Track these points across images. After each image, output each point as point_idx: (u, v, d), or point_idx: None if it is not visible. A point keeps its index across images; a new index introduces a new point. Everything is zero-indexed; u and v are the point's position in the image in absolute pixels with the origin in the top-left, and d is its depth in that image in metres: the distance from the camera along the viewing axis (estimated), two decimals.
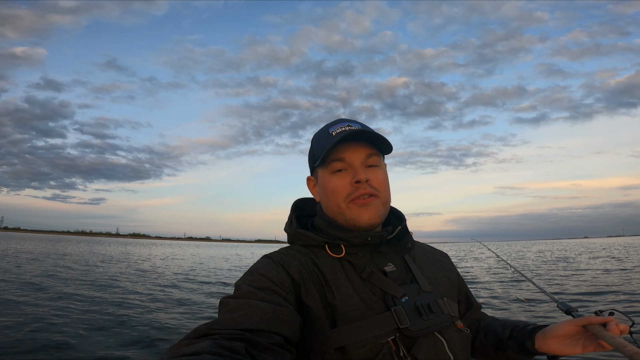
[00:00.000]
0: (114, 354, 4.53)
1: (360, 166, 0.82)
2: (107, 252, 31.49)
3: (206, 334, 0.60)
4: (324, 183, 0.85)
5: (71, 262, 18.17)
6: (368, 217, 0.80)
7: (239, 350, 0.56)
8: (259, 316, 0.64)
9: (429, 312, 0.75)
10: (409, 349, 0.71)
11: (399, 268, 0.83)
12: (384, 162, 0.90)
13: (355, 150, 0.82)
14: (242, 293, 0.69)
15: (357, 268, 0.79)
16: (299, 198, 0.97)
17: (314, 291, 0.74)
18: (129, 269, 15.14)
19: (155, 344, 4.97)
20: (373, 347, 0.69)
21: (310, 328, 0.71)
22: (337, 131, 0.82)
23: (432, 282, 0.84)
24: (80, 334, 5.30)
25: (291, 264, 0.77)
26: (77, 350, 4.52)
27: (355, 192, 0.80)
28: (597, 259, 20.02)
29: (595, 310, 0.83)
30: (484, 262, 16.63)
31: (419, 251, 0.93)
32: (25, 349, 4.48)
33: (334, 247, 0.81)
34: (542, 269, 14.63)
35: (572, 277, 11.87)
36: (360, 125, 0.85)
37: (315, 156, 0.86)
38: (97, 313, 6.73)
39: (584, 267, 15.10)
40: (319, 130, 0.90)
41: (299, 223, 0.90)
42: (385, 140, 0.83)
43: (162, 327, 5.87)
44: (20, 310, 6.52)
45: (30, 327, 5.45)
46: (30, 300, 7.65)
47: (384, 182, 0.84)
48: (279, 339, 0.63)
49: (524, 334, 0.85)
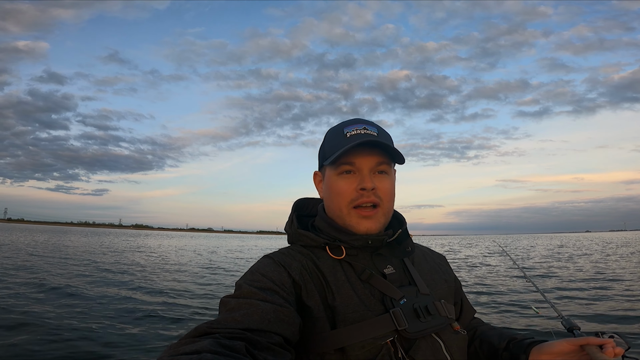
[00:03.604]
0: (116, 351, 4.58)
1: (369, 173, 0.81)
2: (119, 245, 31.65)
3: (207, 333, 0.60)
4: (330, 183, 0.85)
5: (94, 257, 18.29)
6: (366, 228, 0.80)
7: (240, 350, 0.56)
8: (260, 316, 0.64)
9: (426, 314, 0.76)
10: (407, 350, 0.72)
11: (398, 270, 0.83)
12: (394, 169, 0.89)
13: (367, 156, 0.81)
14: (243, 292, 0.70)
15: (357, 270, 0.79)
16: (300, 198, 0.98)
17: (314, 292, 0.75)
18: (159, 266, 15.07)
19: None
20: (372, 348, 0.70)
21: (310, 329, 0.72)
22: (352, 133, 0.82)
23: (430, 285, 0.85)
24: (89, 328, 5.36)
25: (292, 264, 0.78)
26: (76, 348, 4.57)
27: (359, 198, 0.80)
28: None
29: (598, 330, 0.83)
30: (495, 264, 16.17)
31: (418, 254, 0.93)
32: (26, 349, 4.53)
33: (334, 249, 0.82)
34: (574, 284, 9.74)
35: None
36: (377, 129, 0.84)
37: (326, 154, 0.85)
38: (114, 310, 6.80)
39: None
40: (333, 127, 0.89)
41: (300, 223, 0.90)
42: (398, 153, 0.82)
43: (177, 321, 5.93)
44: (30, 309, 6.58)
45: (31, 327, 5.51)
46: (35, 299, 7.72)
47: (390, 191, 0.83)
48: (279, 339, 0.64)
49: (520, 347, 0.85)
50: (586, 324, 5.59)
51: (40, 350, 4.36)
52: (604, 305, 6.94)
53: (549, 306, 1.53)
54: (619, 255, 20.03)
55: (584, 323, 5.58)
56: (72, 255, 17.47)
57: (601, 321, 5.77)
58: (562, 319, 1.04)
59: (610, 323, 5.66)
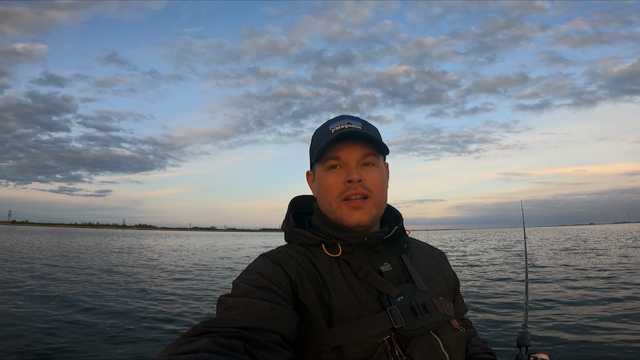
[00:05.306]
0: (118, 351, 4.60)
1: (355, 165, 0.81)
2: (127, 245, 31.75)
3: (204, 332, 0.60)
4: (319, 179, 0.85)
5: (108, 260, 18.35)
6: (357, 219, 0.80)
7: (237, 348, 0.56)
8: (257, 314, 0.64)
9: (424, 312, 0.76)
10: (404, 348, 0.71)
11: (395, 267, 0.83)
12: (384, 161, 0.89)
13: (352, 149, 0.82)
14: (240, 291, 0.70)
15: (353, 268, 0.79)
16: (297, 196, 0.97)
17: (311, 291, 0.75)
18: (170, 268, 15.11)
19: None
20: (369, 347, 0.70)
21: (307, 327, 0.72)
22: (337, 128, 0.82)
23: (428, 282, 0.84)
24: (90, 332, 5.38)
25: (289, 263, 0.78)
26: (74, 348, 4.60)
27: (347, 191, 0.80)
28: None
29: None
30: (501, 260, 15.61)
31: (417, 250, 0.93)
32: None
33: (330, 247, 0.82)
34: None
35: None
36: (362, 123, 0.85)
37: (313, 152, 0.87)
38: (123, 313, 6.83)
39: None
40: (320, 126, 0.90)
41: (296, 221, 0.90)
42: (380, 143, 0.82)
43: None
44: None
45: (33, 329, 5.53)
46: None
47: (379, 182, 0.83)
48: (277, 338, 0.64)
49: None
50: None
51: (35, 349, 4.41)
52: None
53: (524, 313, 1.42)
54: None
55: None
56: (74, 257, 17.56)
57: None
58: (520, 331, 1.04)
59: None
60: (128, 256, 18.98)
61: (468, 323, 1.05)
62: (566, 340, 4.68)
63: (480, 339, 1.01)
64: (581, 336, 4.79)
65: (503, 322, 5.63)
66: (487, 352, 0.94)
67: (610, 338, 4.67)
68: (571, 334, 4.92)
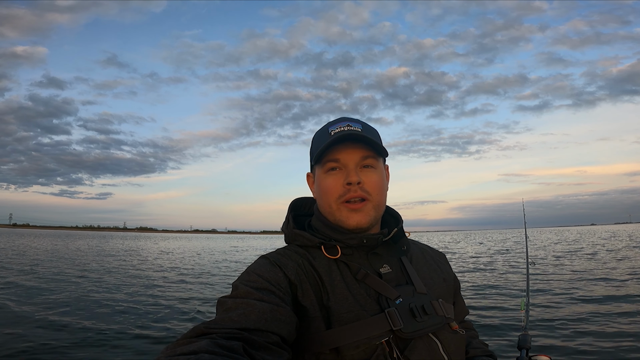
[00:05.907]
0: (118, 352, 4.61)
1: (355, 168, 0.82)
2: (126, 247, 31.76)
3: (204, 333, 0.61)
4: (319, 181, 0.86)
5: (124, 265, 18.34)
6: (356, 222, 0.81)
7: (237, 350, 0.57)
8: (257, 316, 0.64)
9: (422, 314, 0.76)
10: (402, 350, 0.71)
11: (394, 269, 0.83)
12: (384, 163, 0.89)
13: (351, 151, 0.82)
14: (239, 293, 0.70)
15: (352, 270, 0.79)
16: (297, 197, 0.98)
17: (310, 292, 0.75)
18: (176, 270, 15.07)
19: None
20: (367, 349, 0.70)
21: (306, 329, 0.72)
22: (336, 131, 0.83)
23: (428, 284, 0.84)
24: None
25: (288, 264, 0.78)
26: (73, 348, 4.60)
27: (346, 194, 0.81)
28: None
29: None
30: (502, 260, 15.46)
31: (417, 251, 0.93)
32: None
33: (329, 248, 0.82)
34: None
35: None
36: (362, 125, 0.85)
37: (313, 154, 0.87)
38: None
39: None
40: (320, 128, 0.91)
41: (296, 223, 0.90)
42: (379, 145, 0.82)
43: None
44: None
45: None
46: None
47: (378, 184, 0.83)
48: (276, 339, 0.64)
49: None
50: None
51: (35, 349, 4.41)
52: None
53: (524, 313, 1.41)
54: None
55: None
56: (74, 259, 17.57)
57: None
58: (521, 333, 1.03)
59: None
60: (128, 258, 18.99)
61: (469, 325, 1.04)
62: (567, 342, 4.67)
63: (482, 341, 1.00)
64: (582, 339, 4.77)
65: (503, 324, 5.62)
66: (488, 355, 0.94)
67: (612, 341, 4.65)
68: (572, 336, 4.91)
